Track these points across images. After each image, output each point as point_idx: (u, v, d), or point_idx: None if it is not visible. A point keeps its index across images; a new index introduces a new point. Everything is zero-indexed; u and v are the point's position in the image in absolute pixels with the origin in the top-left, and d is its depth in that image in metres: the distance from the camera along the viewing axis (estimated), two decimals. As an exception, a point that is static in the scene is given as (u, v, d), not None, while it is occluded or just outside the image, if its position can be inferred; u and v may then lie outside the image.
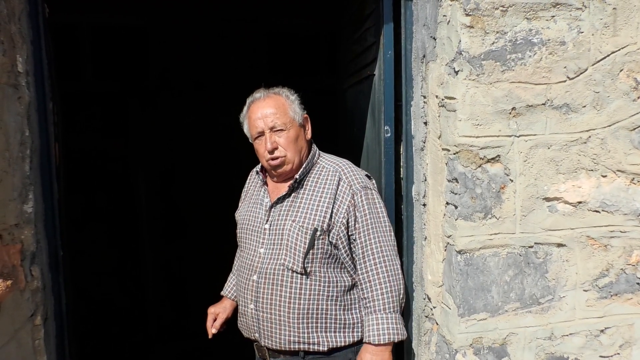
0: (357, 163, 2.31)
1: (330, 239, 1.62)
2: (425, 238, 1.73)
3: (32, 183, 1.47)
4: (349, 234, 1.64)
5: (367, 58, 2.07)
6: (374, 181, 1.76)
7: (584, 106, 1.56)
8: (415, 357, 1.83)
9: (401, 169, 1.91)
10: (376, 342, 1.58)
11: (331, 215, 1.62)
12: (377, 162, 1.96)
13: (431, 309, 1.72)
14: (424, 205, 1.74)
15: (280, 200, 1.69)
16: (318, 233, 1.60)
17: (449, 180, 1.57)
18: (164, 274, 4.49)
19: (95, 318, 3.99)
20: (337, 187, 1.65)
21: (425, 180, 1.72)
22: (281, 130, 1.67)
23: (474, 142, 1.51)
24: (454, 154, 1.53)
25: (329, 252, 1.63)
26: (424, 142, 1.72)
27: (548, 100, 1.53)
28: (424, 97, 1.70)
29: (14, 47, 1.40)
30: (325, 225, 1.61)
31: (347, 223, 1.63)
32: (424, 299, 1.76)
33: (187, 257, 4.42)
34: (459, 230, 1.54)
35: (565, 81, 1.54)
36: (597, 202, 1.59)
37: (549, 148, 1.56)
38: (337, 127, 2.95)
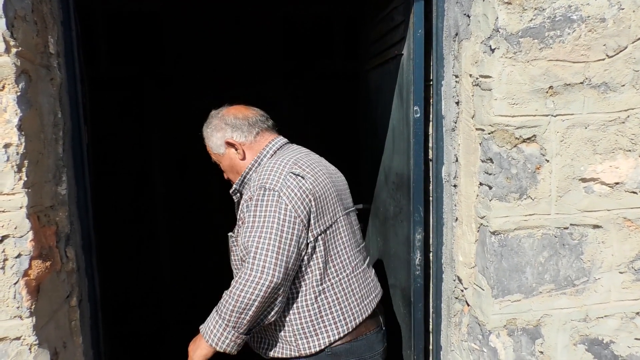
0: (380, 145, 2.30)
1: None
2: (456, 219, 1.72)
3: (65, 165, 1.47)
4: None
5: (394, 38, 2.04)
6: (294, 181, 1.54)
7: (623, 85, 1.52)
8: (446, 339, 1.83)
9: (430, 150, 1.88)
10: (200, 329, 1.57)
11: (237, 220, 1.64)
12: (405, 143, 1.93)
13: (462, 291, 1.71)
14: (455, 186, 1.72)
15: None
16: (232, 240, 1.67)
17: (482, 161, 1.55)
18: (179, 260, 4.52)
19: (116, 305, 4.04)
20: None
21: (457, 161, 1.70)
22: (218, 163, 1.80)
23: (510, 122, 1.49)
24: (489, 133, 1.51)
25: (243, 258, 1.53)
26: (455, 123, 1.70)
27: (586, 78, 1.50)
28: (456, 76, 1.67)
29: (46, 28, 1.39)
30: (235, 231, 1.65)
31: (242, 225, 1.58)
32: (454, 280, 1.75)
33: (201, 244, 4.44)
34: (493, 211, 1.52)
35: (604, 59, 1.50)
36: (635, 182, 1.56)
37: (586, 128, 1.53)
38: (356, 110, 2.93)
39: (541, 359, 1.58)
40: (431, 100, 1.84)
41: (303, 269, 1.55)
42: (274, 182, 1.53)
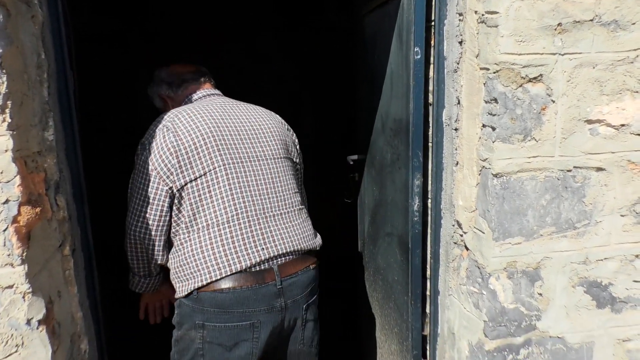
0: (377, 91, 2.23)
1: None
2: (457, 163, 1.68)
3: (51, 109, 1.39)
4: None
5: (392, -24, 1.94)
6: (161, 134, 1.68)
7: (634, 23, 1.46)
8: (444, 284, 1.83)
9: (430, 94, 1.83)
10: None
11: None
12: (404, 87, 1.87)
13: (461, 235, 1.70)
14: (456, 129, 1.68)
15: None
16: None
17: (486, 102, 1.50)
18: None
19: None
20: None
21: (459, 103, 1.65)
22: None
23: (516, 60, 1.43)
24: (494, 72, 1.45)
25: None
26: (458, 64, 1.64)
27: (596, 16, 1.44)
28: (460, 14, 1.59)
29: (22, -41, 1.28)
30: None
31: None
32: (453, 225, 1.74)
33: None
34: (496, 153, 1.48)
35: (615, -7, 1.44)
36: (640, 123, 1.53)
37: (594, 67, 1.48)
38: (349, 62, 2.84)
39: (540, 301, 1.59)
40: (432, 42, 1.77)
41: (175, 217, 1.68)
42: (146, 137, 1.72)
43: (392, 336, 2.25)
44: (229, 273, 1.63)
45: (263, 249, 1.69)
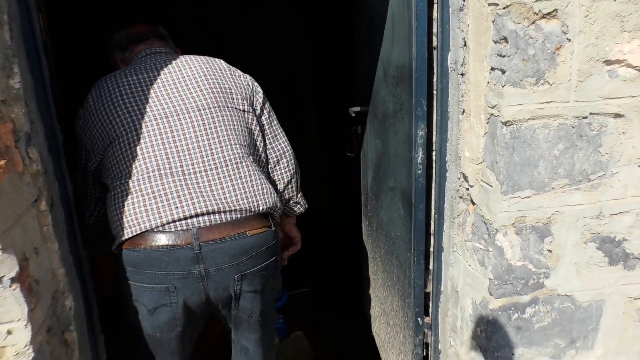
0: (378, 37, 2.08)
1: None
2: (463, 112, 1.55)
3: (15, 55, 1.27)
4: None
5: None
6: (88, 97, 1.73)
7: (664, -55, 1.29)
8: (448, 240, 1.73)
9: (434, 37, 1.68)
10: None
11: None
12: (406, 30, 1.72)
13: (467, 189, 1.58)
14: (462, 74, 1.54)
15: None
16: None
17: (495, 42, 1.35)
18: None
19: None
20: None
21: (465, 45, 1.50)
22: None
23: (530, -7, 1.28)
24: (504, 8, 1.30)
25: None
26: (464, 1, 1.48)
27: (622, -63, 1.27)
28: (468, -58, 1.43)
29: None
30: None
31: None
32: (459, 178, 1.62)
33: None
34: (506, 98, 1.35)
35: None
36: (667, 63, 1.38)
37: (614, 0, 1.32)
38: (350, 1, 2.66)
39: (549, 258, 1.49)
40: (437, -23, 1.60)
41: (103, 179, 1.68)
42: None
43: (395, 293, 2.19)
44: (138, 231, 1.56)
45: (177, 207, 1.58)
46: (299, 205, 2.01)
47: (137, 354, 1.76)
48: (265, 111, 1.85)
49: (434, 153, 1.76)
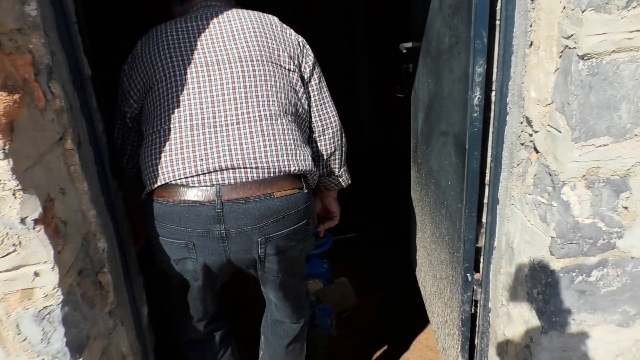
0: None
1: None
2: (531, 44, 1.33)
3: (31, -23, 1.17)
4: None
5: None
6: (137, 44, 1.67)
7: None
8: (505, 191, 1.56)
9: (501, -44, 1.44)
10: None
11: None
12: (469, -51, 1.49)
13: (530, 135, 1.39)
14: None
15: None
16: None
17: (578, -44, 1.12)
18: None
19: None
20: None
21: (539, -37, 1.27)
22: None
23: None
24: None
25: None
26: None
27: None
28: None
29: None
30: None
31: None
32: (521, 122, 1.43)
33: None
34: (585, 26, 1.13)
35: None
36: None
37: None
38: None
39: (624, 216, 1.30)
40: None
41: (142, 124, 1.64)
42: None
43: (443, 245, 2.05)
44: (163, 182, 1.49)
45: (202, 159, 1.47)
46: (341, 179, 1.87)
47: (168, 298, 1.76)
48: (315, 76, 1.71)
49: (493, 94, 1.56)
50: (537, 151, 1.37)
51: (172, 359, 2.02)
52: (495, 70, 1.51)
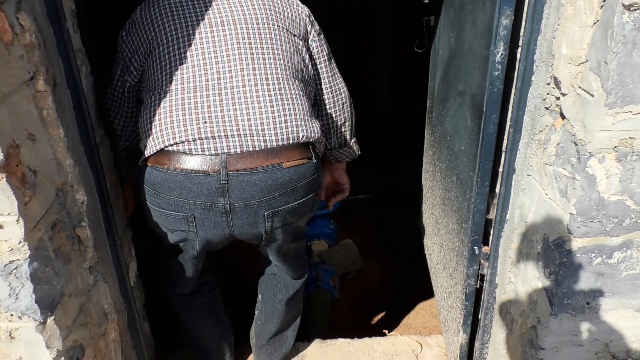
0: None
1: None
2: (568, -8, 1.16)
3: None
4: None
5: None
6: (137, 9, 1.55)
7: None
8: (523, 160, 1.41)
9: None
10: None
11: None
12: None
13: (557, 98, 1.23)
14: (574, -61, 1.12)
15: None
16: None
17: None
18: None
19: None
20: None
21: None
22: None
23: None
24: None
25: None
26: None
27: None
28: None
29: None
30: None
31: None
32: (548, 84, 1.26)
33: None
34: (635, -30, 0.95)
35: None
36: None
37: None
38: None
39: (657, 195, 1.15)
40: None
41: (141, 92, 1.54)
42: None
43: (452, 214, 1.92)
44: (162, 145, 1.38)
45: (206, 122, 1.36)
46: (351, 151, 1.80)
47: (157, 255, 1.69)
48: (323, 47, 1.63)
49: (518, 50, 1.38)
50: (563, 117, 1.21)
51: (163, 314, 1.97)
52: (523, 22, 1.33)
